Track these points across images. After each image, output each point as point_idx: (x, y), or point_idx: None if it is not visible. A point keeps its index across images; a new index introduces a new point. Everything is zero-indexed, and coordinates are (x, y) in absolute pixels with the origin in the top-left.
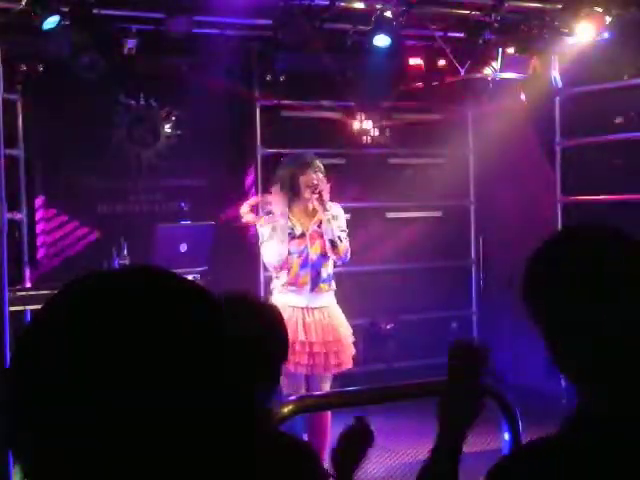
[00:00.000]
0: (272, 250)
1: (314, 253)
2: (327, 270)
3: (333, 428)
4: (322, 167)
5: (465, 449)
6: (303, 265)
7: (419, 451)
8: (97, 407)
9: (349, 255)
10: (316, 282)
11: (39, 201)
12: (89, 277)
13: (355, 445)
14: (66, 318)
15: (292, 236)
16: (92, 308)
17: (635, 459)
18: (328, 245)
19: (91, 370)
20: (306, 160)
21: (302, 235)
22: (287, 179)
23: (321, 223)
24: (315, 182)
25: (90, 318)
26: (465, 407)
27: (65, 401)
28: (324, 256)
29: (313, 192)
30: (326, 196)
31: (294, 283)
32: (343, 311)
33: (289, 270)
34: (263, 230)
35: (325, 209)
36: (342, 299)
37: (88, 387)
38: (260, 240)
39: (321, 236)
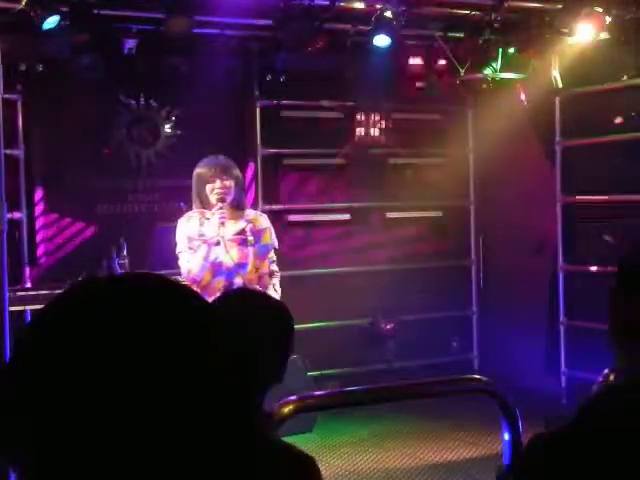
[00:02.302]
0: (194, 263)
1: (230, 261)
2: (244, 279)
3: (334, 428)
4: (234, 172)
5: (465, 449)
6: (216, 273)
7: (419, 451)
8: (95, 409)
9: (273, 268)
10: None
11: (39, 201)
12: (87, 282)
13: None
14: (64, 322)
15: (206, 244)
16: (90, 312)
17: None
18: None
19: (89, 372)
20: (212, 165)
21: (217, 243)
22: (196, 186)
23: (242, 231)
24: (219, 189)
25: (89, 321)
26: None
27: (63, 402)
28: (241, 265)
29: (216, 199)
30: (228, 201)
31: (205, 291)
32: (343, 311)
33: (201, 279)
34: (179, 238)
35: (222, 217)
36: (342, 299)
37: (86, 388)
38: (178, 249)
39: (240, 244)
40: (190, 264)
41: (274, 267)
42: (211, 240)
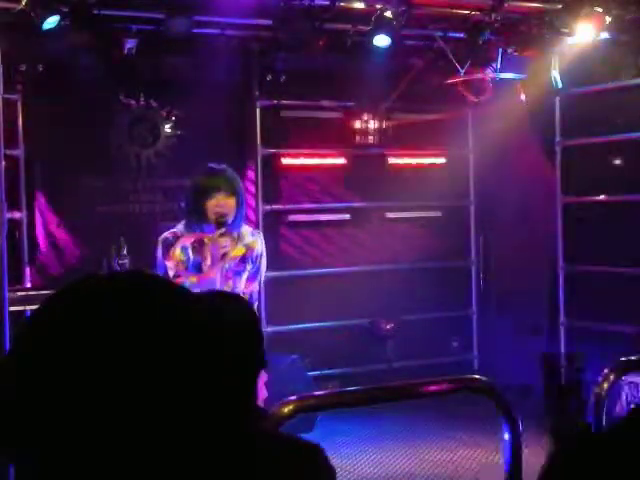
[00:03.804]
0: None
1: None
2: None
3: (334, 428)
4: (238, 186)
5: (465, 449)
6: None
7: (419, 451)
8: (95, 408)
9: (254, 296)
10: None
11: (39, 201)
12: (86, 280)
13: None
14: (60, 320)
15: (200, 271)
16: (86, 310)
17: None
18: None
19: (89, 371)
20: (216, 177)
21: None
22: (193, 198)
23: (241, 259)
24: (220, 208)
25: (89, 320)
26: None
27: (63, 401)
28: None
29: (216, 221)
30: (229, 219)
31: None
32: (343, 311)
33: None
34: (167, 264)
35: (221, 238)
36: (342, 299)
37: (86, 387)
38: (162, 273)
39: (235, 274)
40: None
41: (256, 287)
42: (205, 279)
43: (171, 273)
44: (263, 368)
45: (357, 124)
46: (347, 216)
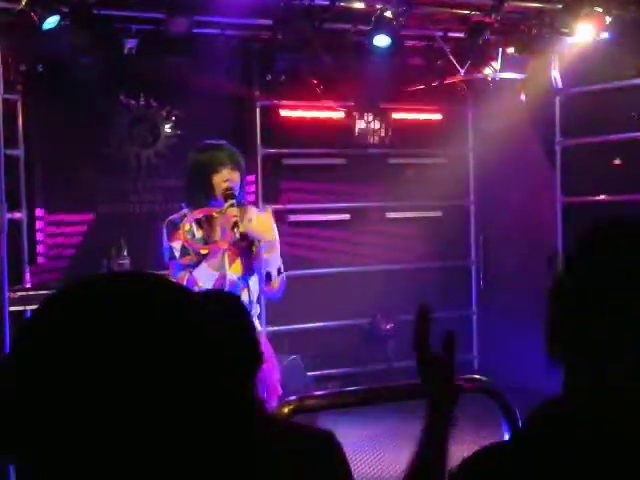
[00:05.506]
0: (200, 273)
1: (233, 274)
2: (249, 295)
3: (334, 428)
4: (238, 158)
5: (465, 449)
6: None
7: None
8: (95, 408)
9: (283, 288)
10: None
11: (39, 201)
12: (86, 281)
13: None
14: (60, 320)
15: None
16: (86, 311)
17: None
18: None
19: (89, 371)
20: (218, 150)
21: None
22: (196, 176)
23: (247, 236)
24: (227, 182)
25: (88, 320)
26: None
27: (63, 402)
28: (245, 277)
29: (224, 194)
30: (236, 192)
31: None
32: (343, 311)
33: None
34: (174, 245)
35: (231, 208)
36: (342, 299)
37: (86, 387)
38: (168, 256)
39: (243, 252)
40: (195, 275)
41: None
42: (215, 249)
43: (177, 254)
44: (261, 363)
45: (357, 124)
46: (347, 216)
